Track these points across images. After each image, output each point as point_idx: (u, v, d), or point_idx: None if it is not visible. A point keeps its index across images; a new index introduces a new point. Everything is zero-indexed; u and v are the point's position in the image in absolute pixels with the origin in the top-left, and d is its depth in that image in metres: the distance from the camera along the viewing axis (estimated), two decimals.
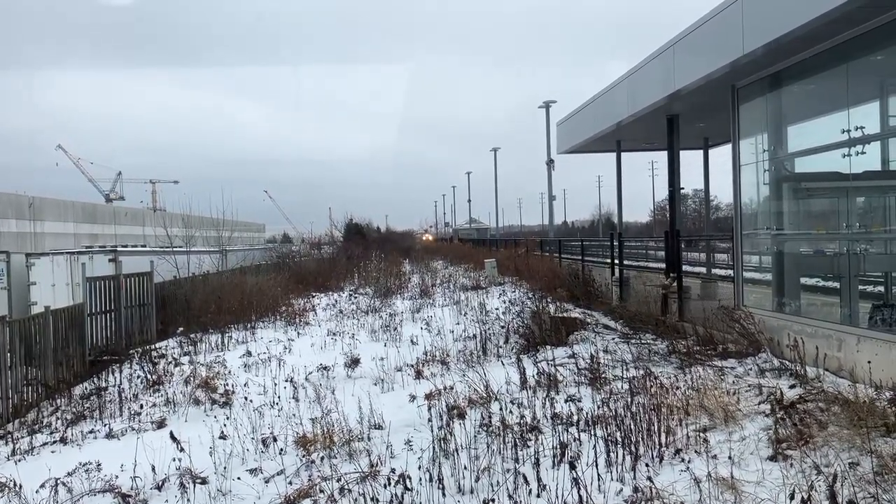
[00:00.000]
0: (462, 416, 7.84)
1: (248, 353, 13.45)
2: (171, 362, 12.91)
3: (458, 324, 15.36)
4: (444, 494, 5.73)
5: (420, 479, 5.81)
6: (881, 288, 9.62)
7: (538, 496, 5.37)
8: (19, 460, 8.44)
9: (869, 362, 7.49)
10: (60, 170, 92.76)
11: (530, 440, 6.67)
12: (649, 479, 5.36)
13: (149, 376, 11.96)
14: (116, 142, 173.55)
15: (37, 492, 6.68)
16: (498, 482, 5.76)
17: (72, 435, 9.31)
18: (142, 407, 10.36)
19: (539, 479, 5.54)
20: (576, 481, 5.20)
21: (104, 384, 11.89)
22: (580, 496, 5.16)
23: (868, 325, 8.52)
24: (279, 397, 10.06)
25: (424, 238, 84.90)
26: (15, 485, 6.83)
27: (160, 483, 6.85)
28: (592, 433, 6.67)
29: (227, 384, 10.95)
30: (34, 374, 12.30)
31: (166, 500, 6.52)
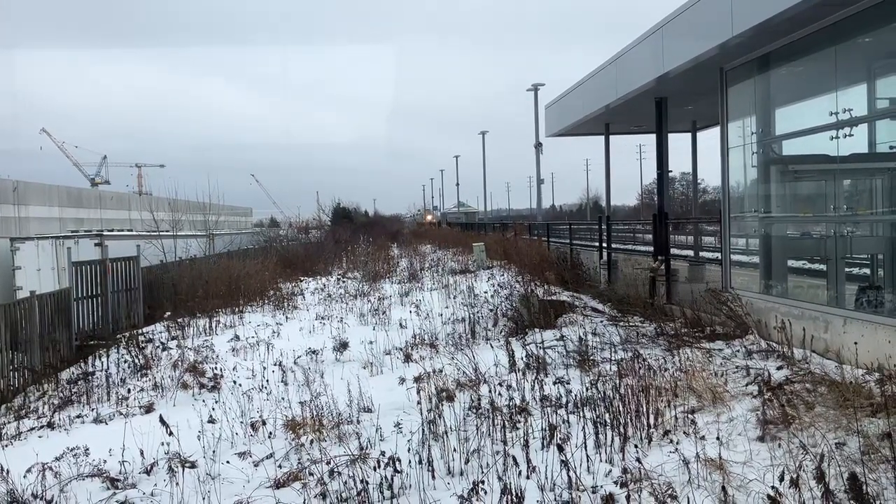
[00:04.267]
0: (451, 398, 7.86)
1: (237, 338, 13.40)
2: (158, 347, 12.82)
3: (446, 307, 15.36)
4: (433, 476, 5.75)
5: (410, 462, 5.82)
6: (867, 270, 9.69)
7: (527, 478, 5.38)
8: (6, 445, 8.37)
9: (855, 343, 7.55)
10: (45, 154, 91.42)
11: (519, 422, 6.69)
12: (638, 460, 5.39)
13: (136, 361, 11.88)
14: (101, 126, 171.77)
15: (24, 476, 6.62)
16: (487, 464, 5.78)
17: (59, 420, 9.25)
18: (129, 391, 10.31)
19: (528, 461, 5.55)
20: (565, 463, 5.22)
21: (91, 369, 11.79)
22: (569, 477, 5.19)
23: (854, 307, 8.57)
24: (268, 381, 10.03)
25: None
26: (2, 470, 6.78)
27: (149, 467, 6.84)
28: (581, 415, 6.69)
29: (216, 368, 10.92)
30: (20, 360, 12.22)
31: (155, 485, 6.48)
